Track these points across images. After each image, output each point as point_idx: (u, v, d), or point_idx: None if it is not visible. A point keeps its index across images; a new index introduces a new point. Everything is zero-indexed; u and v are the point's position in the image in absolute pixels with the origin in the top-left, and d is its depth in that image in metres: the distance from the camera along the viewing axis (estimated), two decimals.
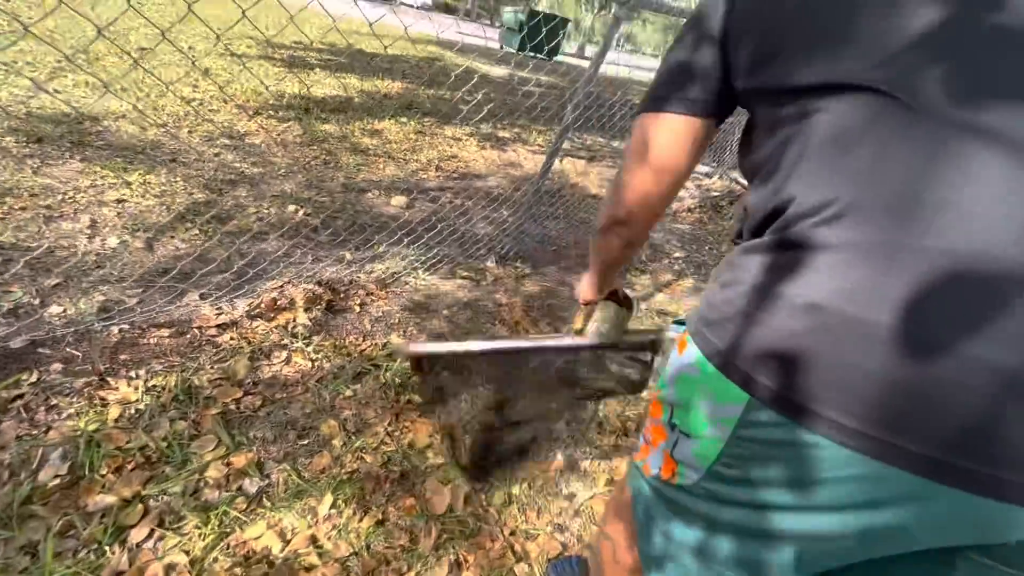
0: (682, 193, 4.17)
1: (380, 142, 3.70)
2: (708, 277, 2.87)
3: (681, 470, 0.58)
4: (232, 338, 1.56)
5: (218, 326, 1.59)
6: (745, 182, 3.12)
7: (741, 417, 0.50)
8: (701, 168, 4.89)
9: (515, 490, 1.31)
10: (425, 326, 1.87)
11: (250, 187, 2.57)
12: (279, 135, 3.37)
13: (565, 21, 14.42)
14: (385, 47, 1.88)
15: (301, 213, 2.43)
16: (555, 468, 1.41)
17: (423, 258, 2.23)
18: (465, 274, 2.28)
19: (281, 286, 1.83)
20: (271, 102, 4.01)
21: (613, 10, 1.74)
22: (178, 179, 2.45)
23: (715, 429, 0.53)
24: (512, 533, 1.20)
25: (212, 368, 1.43)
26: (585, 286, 0.93)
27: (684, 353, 0.59)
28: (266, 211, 2.37)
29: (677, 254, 3.08)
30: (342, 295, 1.88)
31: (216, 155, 2.84)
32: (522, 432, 1.14)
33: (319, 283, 1.86)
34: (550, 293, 2.31)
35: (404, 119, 4.33)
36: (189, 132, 3.08)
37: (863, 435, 0.42)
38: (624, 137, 4.74)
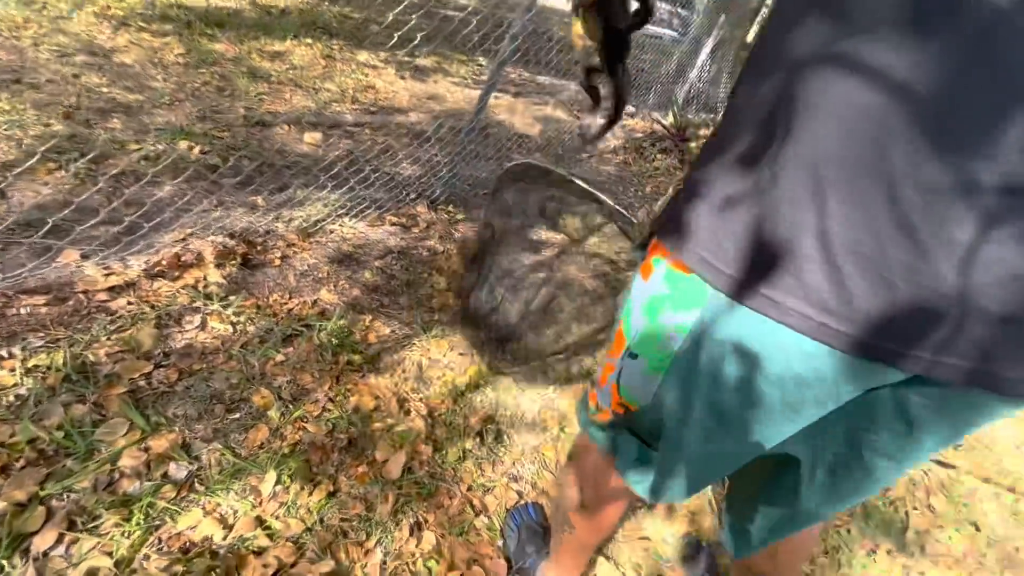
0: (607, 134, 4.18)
1: (284, 67, 3.25)
2: (636, 220, 2.94)
3: (628, 392, 0.62)
4: (130, 303, 1.34)
5: (109, 289, 1.36)
6: (667, 122, 3.12)
7: (702, 314, 0.51)
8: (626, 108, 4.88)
9: (468, 444, 1.30)
10: (357, 279, 1.74)
11: (127, 118, 2.16)
12: (156, 53, 2.83)
13: None
14: None
15: (197, 151, 2.10)
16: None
17: (347, 203, 2.04)
18: (395, 220, 2.14)
19: (184, 239, 1.59)
20: (139, 10, 3.33)
21: None
22: (27, 106, 1.99)
23: (675, 335, 0.54)
24: (469, 488, 1.20)
25: (109, 340, 1.23)
26: None
27: (651, 278, 0.57)
28: (152, 149, 2.01)
29: (604, 196, 3.11)
30: (259, 248, 1.68)
31: (75, 76, 2.33)
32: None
33: (231, 235, 1.64)
34: (486, 240, 2.24)
35: (309, 40, 3.82)
36: (35, 45, 2.48)
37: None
38: (553, 73, 4.58)
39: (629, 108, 4.70)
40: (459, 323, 1.70)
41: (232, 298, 1.46)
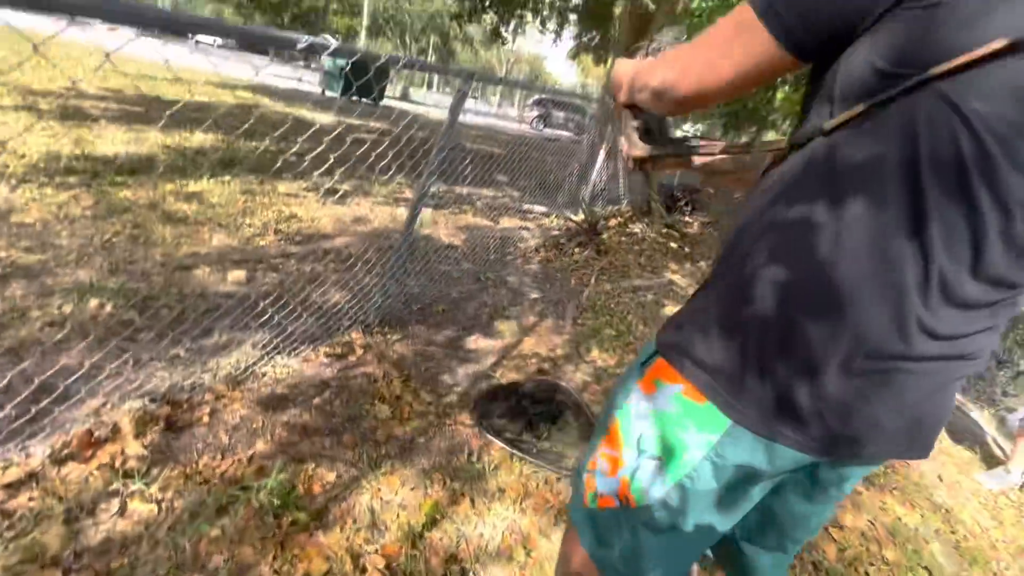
0: (525, 234, 4.46)
1: (202, 207, 3.25)
2: (566, 314, 3.09)
3: (640, 491, 0.68)
4: (32, 499, 1.19)
5: (6, 487, 1.21)
6: (578, 219, 3.38)
7: (720, 440, 0.62)
8: (537, 208, 5.29)
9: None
10: (295, 424, 1.66)
11: (28, 282, 2.04)
12: (61, 208, 2.74)
13: (388, 62, 14.54)
14: (190, 92, 1.67)
15: (109, 307, 2.00)
16: None
17: (278, 341, 1.99)
18: (330, 352, 2.10)
19: (97, 410, 1.47)
20: (41, 165, 3.26)
21: (458, 84, 1.81)
22: None
23: (692, 451, 0.64)
24: None
25: (6, 551, 1.07)
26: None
27: (656, 395, 0.68)
28: (57, 312, 1.89)
29: (534, 295, 3.26)
30: (184, 407, 1.58)
31: None
32: None
33: (151, 398, 1.54)
34: (426, 356, 2.25)
35: (227, 177, 3.88)
36: None
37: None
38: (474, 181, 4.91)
39: (541, 208, 5.08)
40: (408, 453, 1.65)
41: (156, 471, 1.34)
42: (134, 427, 1.43)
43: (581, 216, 4.57)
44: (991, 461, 2.89)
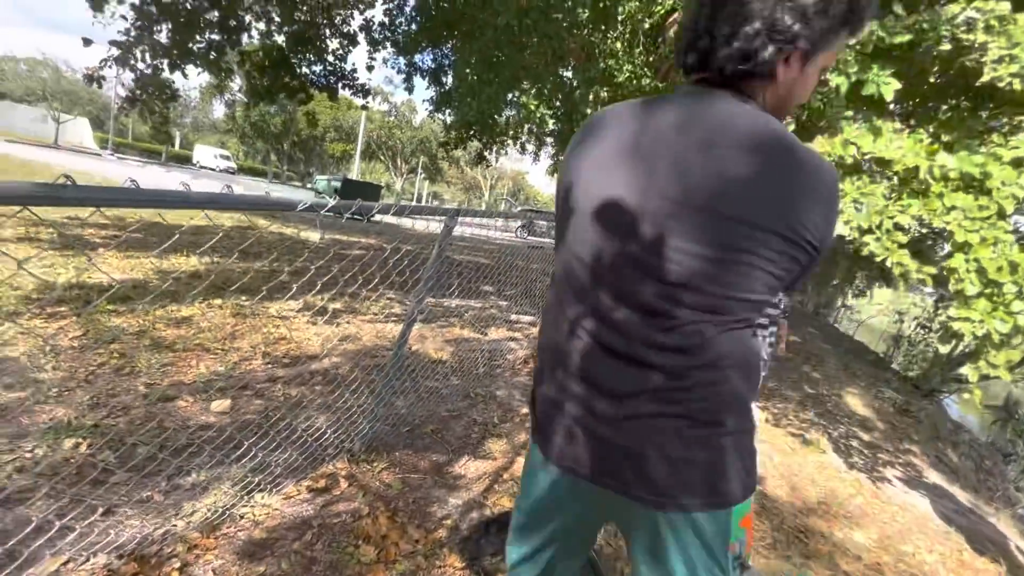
0: (513, 344, 4.50)
1: (190, 332, 3.27)
2: None
3: None
4: None
5: None
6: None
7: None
8: (524, 317, 5.39)
9: None
10: (272, 574, 1.54)
11: (3, 423, 1.98)
12: (48, 341, 2.75)
13: (378, 188, 15.59)
14: (190, 217, 1.76)
15: (84, 448, 1.93)
16: None
17: (258, 477, 1.91)
18: (312, 485, 2.01)
19: (56, 572, 1.36)
20: (34, 296, 3.32)
21: (443, 222, 1.96)
22: None
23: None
24: None
25: None
26: None
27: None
28: (29, 456, 1.82)
29: (525, 410, 3.22)
30: (152, 561, 1.47)
31: None
32: None
33: (117, 552, 1.44)
34: (414, 486, 2.16)
35: (218, 301, 3.96)
36: None
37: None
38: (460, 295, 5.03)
39: (528, 317, 5.19)
40: None
41: None
42: None
43: None
44: (1019, 573, 2.72)
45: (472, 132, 8.03)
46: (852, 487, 3.40)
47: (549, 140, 11.55)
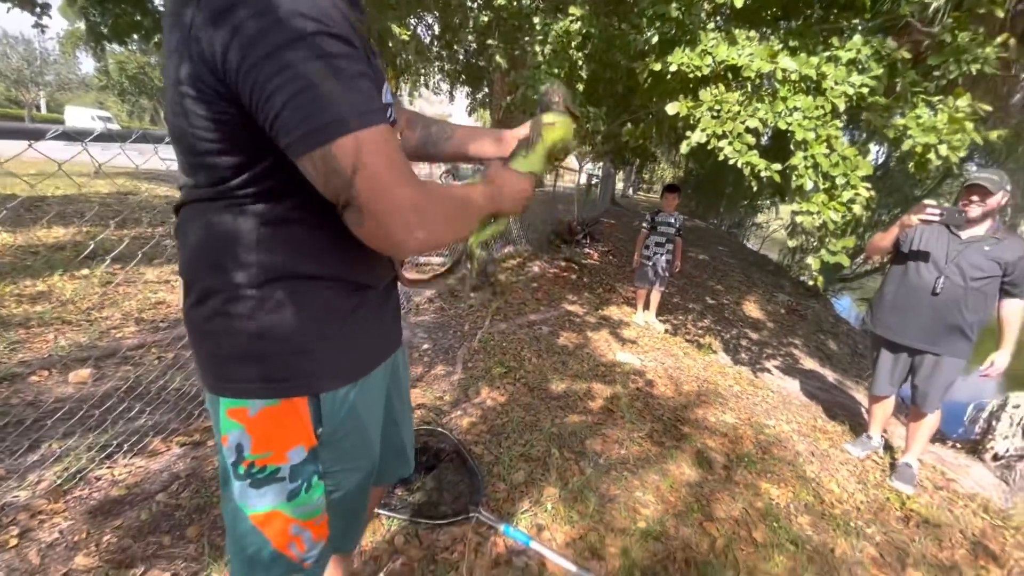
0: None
1: (49, 306, 2.99)
2: (456, 360, 3.11)
3: None
4: None
5: None
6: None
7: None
8: (434, 259, 5.36)
9: None
10: (129, 526, 1.52)
11: None
12: None
13: None
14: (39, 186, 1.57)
15: None
16: None
17: (120, 440, 1.84)
18: (185, 440, 1.97)
19: None
20: None
21: None
22: None
23: None
24: None
25: None
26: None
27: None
28: None
29: (425, 346, 3.26)
30: None
31: None
32: None
33: None
34: None
35: (85, 271, 3.62)
36: None
37: None
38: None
39: (438, 259, 5.16)
40: None
41: None
42: None
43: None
44: (860, 431, 3.18)
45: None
46: (732, 379, 3.79)
47: (462, 77, 11.09)
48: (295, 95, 0.53)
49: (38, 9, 3.79)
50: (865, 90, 2.53)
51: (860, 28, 2.95)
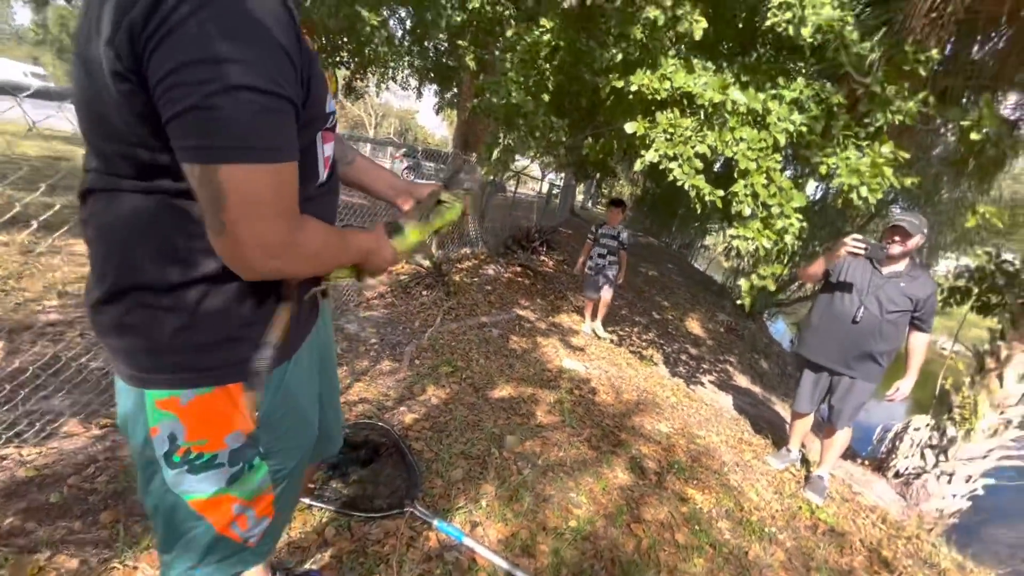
0: (372, 280, 4.43)
1: None
2: (402, 355, 3.10)
3: None
4: None
5: None
6: (426, 264, 3.44)
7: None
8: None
9: None
10: (35, 510, 1.43)
11: None
12: None
13: None
14: None
15: None
16: None
17: (31, 420, 1.72)
18: (106, 422, 1.86)
19: None
20: None
21: None
22: None
23: None
24: None
25: None
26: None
27: None
28: None
29: (372, 340, 3.23)
30: None
31: None
32: None
33: None
34: None
35: (3, 239, 3.34)
36: None
37: None
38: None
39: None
40: None
41: None
42: None
43: (427, 262, 4.67)
44: (782, 444, 3.40)
45: (338, 58, 7.34)
46: (670, 391, 3.96)
47: (431, 75, 11.00)
48: (205, 107, 0.52)
49: None
50: (804, 128, 2.74)
51: (804, 71, 3.19)
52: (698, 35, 2.85)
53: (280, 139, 0.59)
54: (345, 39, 6.52)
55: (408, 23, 8.00)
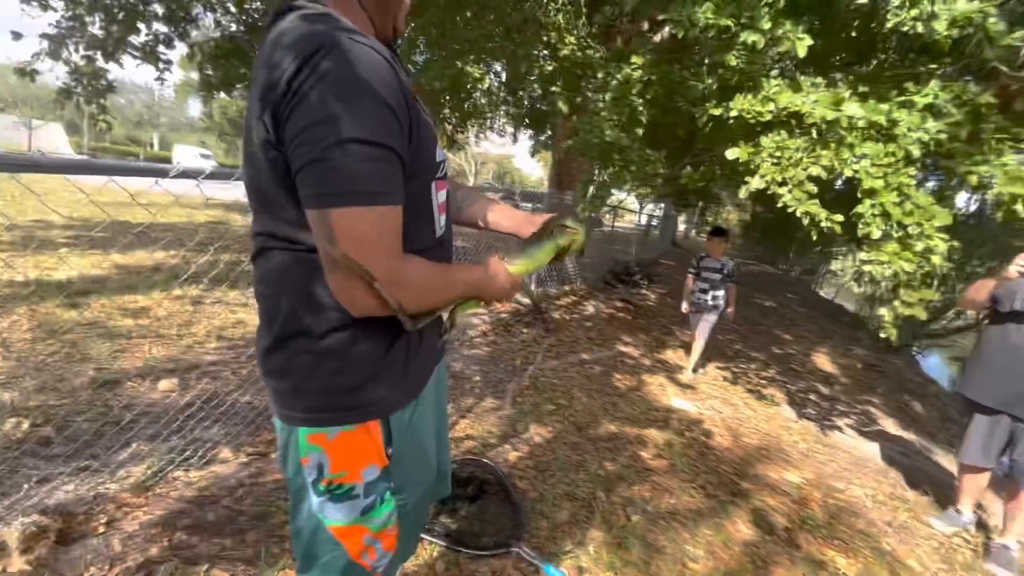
0: (475, 320, 4.59)
1: (146, 321, 3.34)
2: (504, 393, 3.14)
3: None
4: None
5: None
6: (525, 301, 3.55)
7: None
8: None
9: None
10: (199, 526, 1.64)
11: None
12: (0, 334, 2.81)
13: None
14: (152, 214, 1.83)
15: (26, 426, 2.01)
16: None
17: (197, 445, 2.01)
18: (252, 450, 2.11)
19: None
20: None
21: None
22: None
23: None
24: None
25: None
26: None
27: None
28: None
29: (476, 378, 3.32)
30: (80, 518, 1.57)
31: None
32: None
33: (43, 512, 1.53)
34: None
35: (179, 291, 4.02)
36: None
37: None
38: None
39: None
40: None
41: None
42: (21, 543, 1.41)
43: (527, 300, 4.75)
44: (947, 503, 2.86)
45: (444, 105, 7.96)
46: (798, 435, 3.55)
47: (526, 120, 11.54)
48: (320, 159, 0.62)
49: (162, 64, 4.41)
50: (943, 136, 2.42)
51: (939, 73, 2.84)
52: (802, 53, 2.68)
53: (384, 184, 0.65)
54: (447, 96, 7.11)
55: (504, 76, 8.51)
